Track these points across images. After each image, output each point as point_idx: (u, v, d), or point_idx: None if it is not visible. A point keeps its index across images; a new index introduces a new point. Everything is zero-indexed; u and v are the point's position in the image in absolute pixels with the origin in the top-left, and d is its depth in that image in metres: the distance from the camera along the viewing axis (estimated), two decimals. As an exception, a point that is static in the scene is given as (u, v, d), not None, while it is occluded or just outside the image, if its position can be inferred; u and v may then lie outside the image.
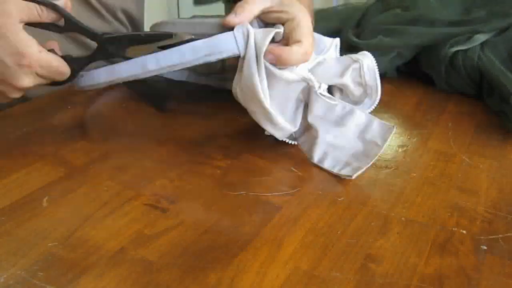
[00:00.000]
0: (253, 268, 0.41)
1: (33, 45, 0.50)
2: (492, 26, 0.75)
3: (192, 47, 0.52)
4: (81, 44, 0.73)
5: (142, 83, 0.60)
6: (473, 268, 0.42)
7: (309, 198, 0.50)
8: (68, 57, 0.54)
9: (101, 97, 0.70)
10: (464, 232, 0.46)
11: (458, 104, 0.74)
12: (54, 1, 0.53)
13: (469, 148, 0.60)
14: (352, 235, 0.45)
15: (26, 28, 0.51)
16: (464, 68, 0.74)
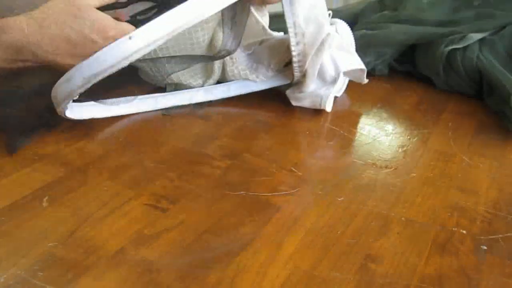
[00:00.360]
0: (253, 268, 0.41)
1: (110, 19, 0.57)
2: (479, 27, 0.75)
3: None
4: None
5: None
6: (473, 268, 0.42)
7: (309, 198, 0.50)
8: (135, 20, 0.60)
9: (101, 97, 0.70)
10: (464, 232, 0.46)
11: (458, 104, 0.74)
12: None
13: (469, 148, 0.60)
14: (352, 235, 0.45)
15: None
16: (464, 68, 0.74)
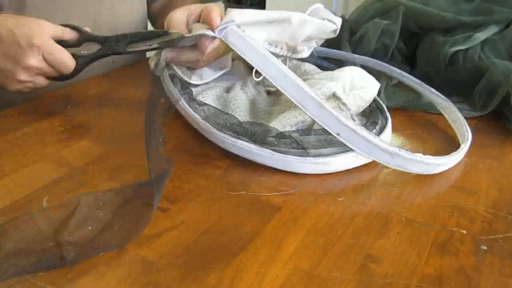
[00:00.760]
0: (253, 268, 0.41)
1: (46, 34, 0.60)
2: (477, 21, 0.75)
3: None
4: None
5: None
6: (473, 268, 0.42)
7: (309, 198, 0.50)
8: (75, 54, 0.62)
9: (101, 97, 0.70)
10: (464, 232, 0.46)
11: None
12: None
13: (469, 148, 0.60)
14: (352, 235, 0.45)
15: None
16: (465, 68, 0.74)
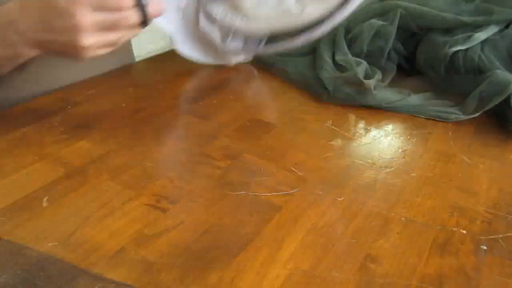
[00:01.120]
0: (253, 268, 0.41)
1: None
2: (477, 21, 0.75)
3: None
4: None
5: None
6: (473, 268, 0.42)
7: (309, 198, 0.50)
8: None
9: (101, 97, 0.70)
10: (464, 232, 0.46)
11: (458, 104, 0.74)
12: None
13: (469, 148, 0.60)
14: (352, 235, 0.45)
15: None
16: (465, 68, 0.74)
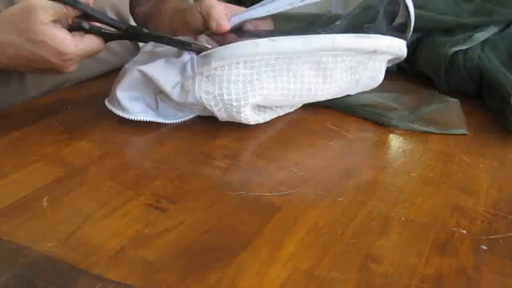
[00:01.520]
0: (253, 268, 0.41)
1: (70, 43, 0.56)
2: (477, 22, 0.75)
3: None
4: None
5: None
6: (473, 268, 0.42)
7: (309, 198, 0.50)
8: (101, 30, 0.59)
9: (101, 97, 0.70)
10: (464, 232, 0.46)
11: (458, 104, 0.74)
12: None
13: (469, 148, 0.60)
14: (352, 235, 0.45)
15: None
16: (465, 68, 0.74)
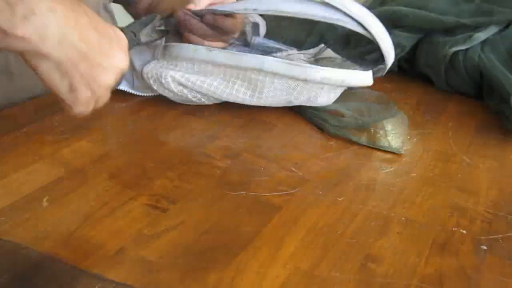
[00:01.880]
0: (253, 268, 0.41)
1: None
2: (477, 22, 0.75)
3: None
4: None
5: None
6: (473, 268, 0.42)
7: (309, 198, 0.50)
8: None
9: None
10: (464, 232, 0.46)
11: (458, 104, 0.74)
12: None
13: (469, 148, 0.60)
14: (352, 235, 0.45)
15: None
16: (465, 68, 0.74)
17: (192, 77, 0.63)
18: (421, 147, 0.61)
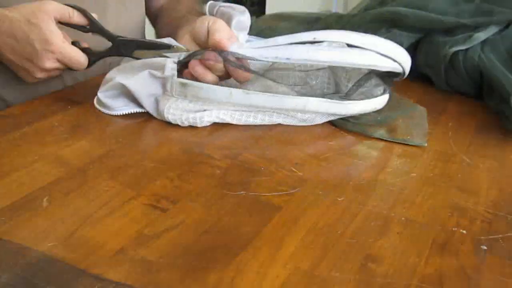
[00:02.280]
0: (253, 268, 0.41)
1: (59, 36, 0.62)
2: (477, 22, 0.75)
3: None
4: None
5: None
6: (473, 268, 0.42)
7: (309, 198, 0.50)
8: (88, 50, 0.65)
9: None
10: (464, 232, 0.46)
11: (458, 104, 0.74)
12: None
13: (469, 148, 0.60)
14: (352, 235, 0.45)
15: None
16: (465, 68, 0.74)
17: (236, 114, 0.62)
18: (421, 147, 0.61)
